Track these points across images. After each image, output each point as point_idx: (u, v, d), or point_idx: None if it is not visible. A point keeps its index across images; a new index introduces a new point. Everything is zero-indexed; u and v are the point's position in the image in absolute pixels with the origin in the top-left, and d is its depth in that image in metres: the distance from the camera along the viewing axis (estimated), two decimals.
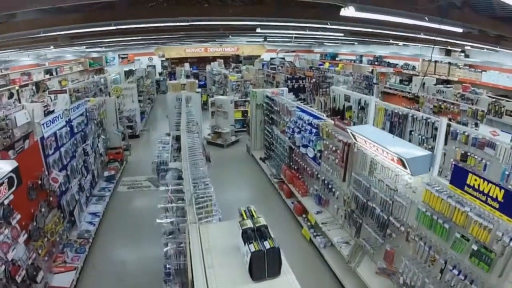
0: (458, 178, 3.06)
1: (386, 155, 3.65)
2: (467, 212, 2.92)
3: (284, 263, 1.78)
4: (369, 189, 4.32)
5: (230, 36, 13.46)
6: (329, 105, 8.94)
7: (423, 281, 3.36)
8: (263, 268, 1.73)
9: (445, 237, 3.18)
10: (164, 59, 22.44)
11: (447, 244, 3.19)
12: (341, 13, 4.61)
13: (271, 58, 17.38)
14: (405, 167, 3.36)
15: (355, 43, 15.63)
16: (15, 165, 3.62)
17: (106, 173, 7.80)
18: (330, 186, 5.49)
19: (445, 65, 12.12)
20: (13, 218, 3.71)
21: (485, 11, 5.32)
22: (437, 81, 11.08)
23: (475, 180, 2.87)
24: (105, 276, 4.99)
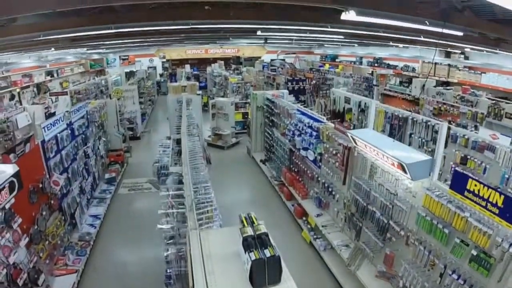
0: (458, 183, 3.07)
1: (386, 159, 3.65)
2: (467, 217, 2.93)
3: (284, 270, 1.79)
4: (369, 193, 4.33)
5: (230, 38, 13.48)
6: (329, 107, 8.95)
7: (422, 285, 3.38)
8: (263, 276, 1.74)
9: (444, 241, 3.19)
10: (164, 60, 22.41)
11: (446, 248, 3.20)
12: (342, 17, 4.63)
13: (272, 59, 17.41)
14: (405, 172, 3.37)
15: (355, 44, 15.64)
16: (16, 169, 3.62)
17: (107, 175, 7.80)
18: (330, 189, 5.50)
19: (445, 67, 12.13)
20: (15, 221, 3.72)
21: (485, 14, 5.33)
22: (436, 83, 11.09)
23: (475, 185, 2.88)
24: (106, 278, 5.00)
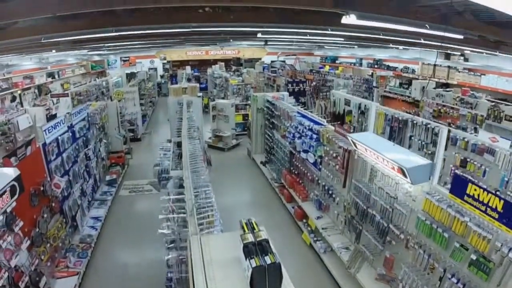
0: (458, 187, 3.08)
1: (386, 163, 3.67)
2: (466, 222, 2.95)
3: (285, 276, 1.81)
4: (369, 196, 4.34)
5: (231, 40, 13.52)
6: (329, 109, 8.97)
7: None
8: (264, 283, 1.74)
9: (444, 245, 3.21)
10: (165, 61, 22.42)
11: (446, 252, 3.21)
12: (343, 21, 4.64)
13: (272, 61, 17.43)
14: (406, 176, 3.38)
15: (355, 46, 15.66)
16: (17, 173, 3.62)
17: (108, 177, 7.82)
18: (330, 192, 5.51)
19: (445, 69, 12.14)
20: (16, 225, 3.74)
21: (484, 17, 5.34)
22: (436, 85, 11.11)
23: (475, 190, 2.90)
24: (107, 280, 5.01)
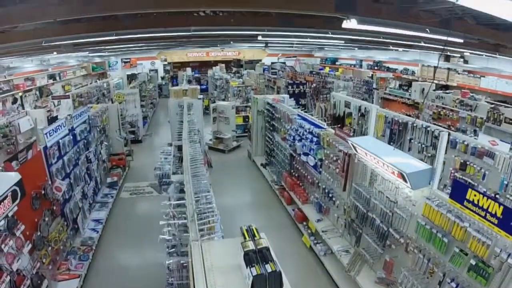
0: (458, 192, 3.09)
1: (386, 168, 3.68)
2: (466, 227, 2.96)
3: (285, 284, 1.82)
4: (369, 200, 4.36)
5: (231, 42, 13.55)
6: (330, 112, 8.98)
7: None
8: None
9: (443, 250, 3.22)
10: (166, 63, 22.43)
11: (445, 257, 3.23)
12: (343, 25, 4.66)
13: (272, 62, 17.44)
14: (406, 181, 3.39)
15: (355, 48, 15.69)
16: (18, 177, 3.60)
17: (109, 179, 7.83)
18: (330, 195, 5.53)
19: (444, 71, 12.17)
20: (17, 229, 3.74)
21: (484, 21, 5.36)
22: (436, 87, 11.12)
23: (475, 195, 2.90)
24: (108, 283, 5.03)
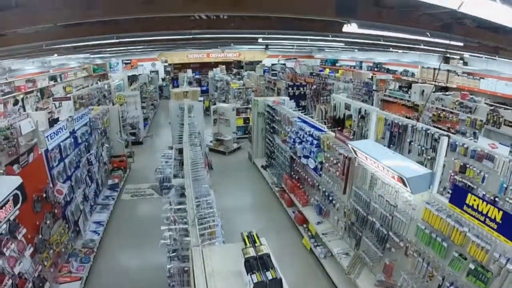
0: (457, 197, 3.11)
1: (386, 172, 3.70)
2: (465, 232, 2.98)
3: None
4: (369, 204, 4.38)
5: (232, 44, 13.58)
6: (330, 114, 9.01)
7: None
8: None
9: (443, 254, 3.24)
10: (167, 64, 22.46)
11: (445, 261, 3.25)
12: (344, 29, 4.67)
13: (272, 64, 17.46)
14: (406, 185, 3.41)
15: (355, 49, 15.72)
16: (19, 181, 3.62)
17: (110, 181, 7.84)
18: (330, 197, 5.55)
19: (444, 72, 12.18)
20: (19, 232, 3.75)
21: (484, 24, 5.37)
22: (435, 88, 11.11)
23: (474, 200, 2.92)
24: (110, 285, 5.05)
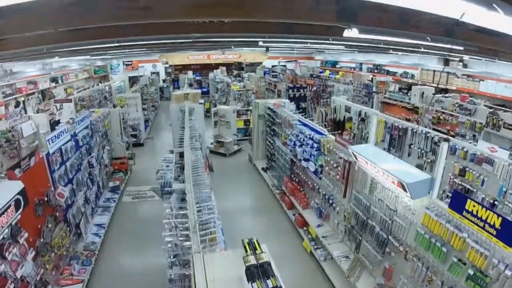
0: (457, 203, 3.12)
1: (386, 177, 3.72)
2: (464, 237, 3.00)
3: None
4: (369, 208, 4.40)
5: (232, 47, 13.61)
6: (330, 116, 9.03)
7: None
8: None
9: (442, 259, 3.26)
10: (167, 65, 22.51)
11: (444, 266, 3.27)
12: (344, 34, 4.68)
13: (273, 65, 17.49)
14: (406, 191, 3.43)
15: (355, 51, 15.73)
16: (21, 187, 3.65)
17: (111, 184, 7.87)
18: (330, 201, 5.57)
19: (444, 74, 12.19)
20: (21, 236, 3.77)
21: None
22: (435, 90, 11.10)
23: (474, 206, 2.94)
24: None
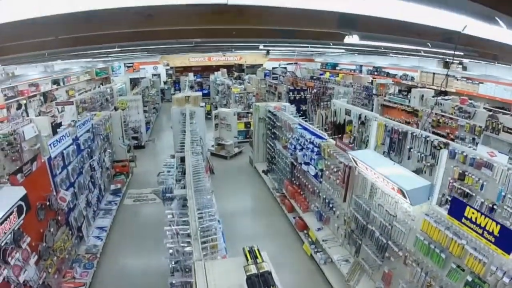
0: (456, 210, 3.15)
1: (386, 183, 3.75)
2: (463, 244, 3.03)
3: None
4: (369, 212, 4.42)
5: (233, 50, 13.67)
6: (330, 119, 9.06)
7: None
8: None
9: (441, 265, 3.29)
10: (168, 67, 22.54)
11: (443, 271, 3.29)
12: (345, 41, 4.71)
13: (273, 67, 17.54)
14: (405, 197, 3.45)
15: (355, 53, 15.79)
16: (23, 193, 3.68)
17: (112, 186, 7.89)
18: (331, 204, 5.59)
19: (443, 77, 12.23)
20: (23, 241, 3.80)
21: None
22: (435, 93, 11.15)
23: (473, 213, 2.97)
24: None
